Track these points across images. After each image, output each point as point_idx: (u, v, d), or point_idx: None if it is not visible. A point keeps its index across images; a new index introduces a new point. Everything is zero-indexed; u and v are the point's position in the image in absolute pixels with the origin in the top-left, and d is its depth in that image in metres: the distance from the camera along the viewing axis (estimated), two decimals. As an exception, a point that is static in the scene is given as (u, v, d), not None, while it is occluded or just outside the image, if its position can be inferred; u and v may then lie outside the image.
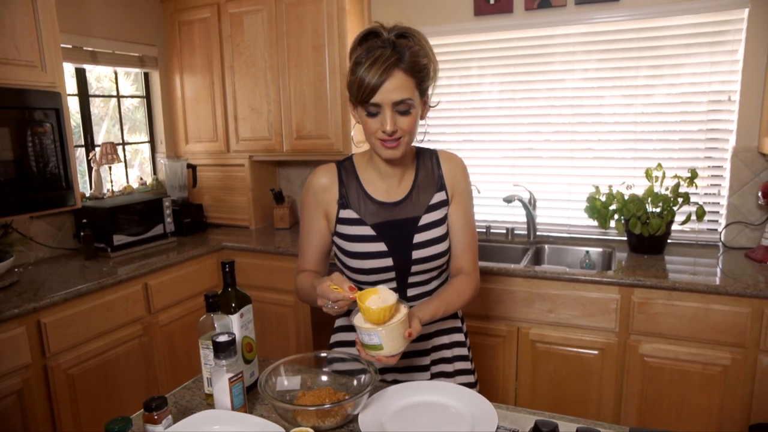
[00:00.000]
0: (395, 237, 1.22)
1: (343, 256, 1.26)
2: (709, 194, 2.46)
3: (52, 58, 2.18)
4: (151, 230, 2.80)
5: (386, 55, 1.07)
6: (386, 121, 1.10)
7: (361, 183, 1.25)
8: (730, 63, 2.31)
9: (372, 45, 1.10)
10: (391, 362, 1.06)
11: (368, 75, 1.07)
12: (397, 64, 1.08)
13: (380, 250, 1.21)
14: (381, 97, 1.08)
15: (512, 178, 2.81)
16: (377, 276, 1.23)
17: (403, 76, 1.08)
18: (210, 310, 1.16)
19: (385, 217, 1.23)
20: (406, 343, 1.05)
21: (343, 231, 1.24)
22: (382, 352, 1.03)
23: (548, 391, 2.24)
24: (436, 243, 1.23)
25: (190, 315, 2.65)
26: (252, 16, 2.91)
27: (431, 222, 1.24)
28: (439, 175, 1.27)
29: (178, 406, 1.17)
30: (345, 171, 1.27)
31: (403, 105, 1.10)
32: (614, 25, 2.47)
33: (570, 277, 2.12)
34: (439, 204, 1.26)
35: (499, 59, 2.74)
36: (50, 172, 2.21)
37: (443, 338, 1.32)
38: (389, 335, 1.02)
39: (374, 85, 1.07)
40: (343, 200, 1.24)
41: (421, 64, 1.11)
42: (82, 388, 2.13)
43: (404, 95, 1.09)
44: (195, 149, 3.27)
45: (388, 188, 1.25)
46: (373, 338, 1.02)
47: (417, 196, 1.25)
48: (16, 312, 1.89)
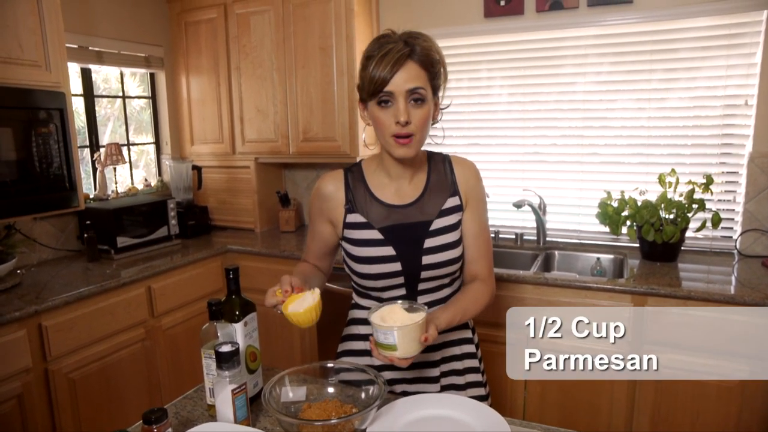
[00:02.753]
0: (404, 241, 1.19)
1: (351, 262, 1.22)
2: (724, 201, 2.41)
3: (56, 57, 2.16)
4: (155, 232, 2.77)
5: (398, 47, 1.08)
6: (400, 110, 1.08)
7: (368, 186, 1.23)
8: (747, 66, 2.26)
9: (383, 41, 1.10)
10: (403, 365, 1.03)
11: (380, 66, 1.07)
12: (410, 56, 1.08)
13: (388, 255, 1.18)
14: (394, 86, 1.08)
15: (522, 182, 2.76)
16: (385, 281, 1.19)
17: (415, 66, 1.09)
18: (213, 318, 1.12)
19: (393, 221, 1.20)
20: (420, 347, 1.03)
21: (351, 236, 1.21)
22: (396, 353, 1.01)
23: (558, 400, 2.19)
24: (448, 249, 1.20)
25: (193, 319, 2.62)
26: (259, 17, 2.88)
27: (444, 227, 1.20)
28: (452, 180, 1.24)
29: (179, 417, 1.13)
30: (352, 175, 1.25)
31: (416, 94, 1.09)
32: (627, 28, 2.42)
33: (581, 284, 2.08)
34: (453, 209, 1.22)
35: (509, 62, 2.69)
36: (54, 173, 2.18)
37: (454, 349, 1.28)
38: (405, 337, 1.00)
39: (386, 75, 1.07)
40: (350, 205, 1.22)
41: (434, 58, 1.11)
42: (83, 393, 2.10)
43: (418, 83, 1.09)
44: (200, 151, 3.25)
45: (397, 190, 1.22)
46: (389, 337, 1.00)
47: (429, 199, 1.22)
48: (17, 315, 1.86)
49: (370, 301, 1.26)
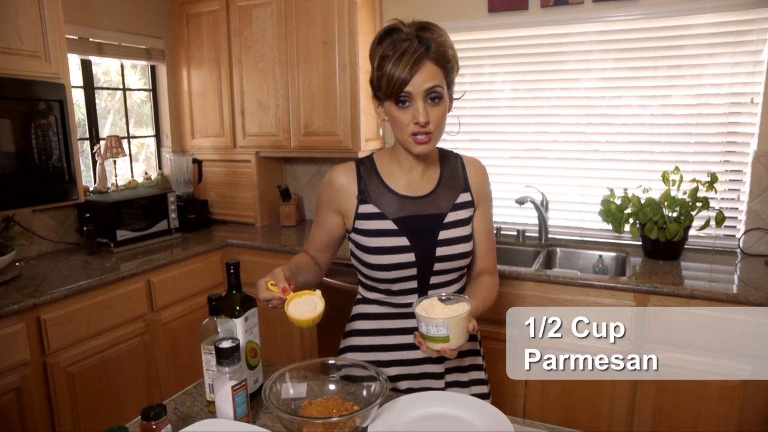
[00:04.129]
0: (418, 232, 1.19)
1: (362, 253, 1.21)
2: (727, 199, 2.39)
3: (56, 48, 2.13)
4: (155, 226, 2.76)
5: (414, 47, 1.07)
6: (419, 111, 1.08)
7: (381, 177, 1.23)
8: (753, 64, 2.24)
9: (396, 39, 1.09)
10: (453, 355, 1.05)
11: (398, 68, 1.06)
12: (426, 55, 1.07)
13: (402, 245, 1.18)
14: (413, 86, 1.07)
15: (524, 179, 2.74)
16: (397, 272, 1.18)
17: (432, 66, 1.08)
18: (213, 313, 1.10)
19: (408, 212, 1.21)
20: (467, 337, 1.05)
21: (362, 226, 1.20)
22: (449, 344, 1.02)
23: (558, 399, 2.18)
24: (461, 242, 1.21)
25: (193, 313, 2.61)
26: (261, 10, 2.86)
27: (457, 220, 1.22)
28: (464, 176, 1.26)
29: (178, 412, 1.12)
30: (365, 167, 1.25)
31: (434, 92, 1.09)
32: (632, 24, 2.40)
33: (583, 282, 2.06)
34: (465, 204, 1.24)
35: (512, 57, 2.67)
36: (53, 165, 2.17)
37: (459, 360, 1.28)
38: (455, 327, 1.02)
39: (404, 77, 1.06)
40: (362, 195, 1.22)
41: (449, 54, 1.11)
42: (81, 387, 2.09)
43: (435, 82, 1.09)
44: (201, 144, 3.23)
45: (410, 182, 1.23)
46: (441, 330, 1.01)
47: (442, 193, 1.23)
48: (15, 308, 1.85)
49: (378, 294, 1.24)
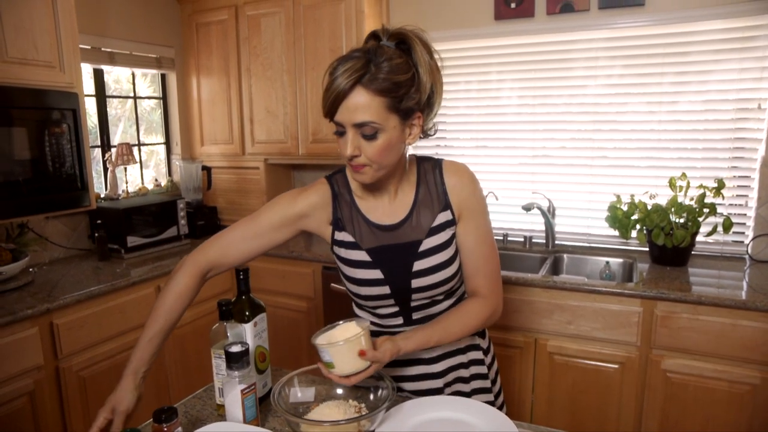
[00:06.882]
0: (392, 264, 1.11)
1: (343, 279, 1.18)
2: (735, 205, 2.39)
3: (70, 58, 2.18)
4: (164, 232, 2.79)
5: (355, 67, 0.94)
6: (346, 144, 0.99)
7: (355, 202, 1.15)
8: (760, 70, 2.24)
9: (352, 52, 0.98)
10: (346, 383, 1.00)
11: (331, 88, 0.96)
12: (360, 80, 0.94)
13: (376, 278, 1.11)
14: (341, 116, 0.98)
15: (531, 185, 2.75)
16: (376, 302, 1.16)
17: (366, 94, 0.95)
18: (223, 318, 1.13)
19: (382, 241, 1.12)
20: (363, 364, 0.99)
21: (341, 254, 1.15)
22: (334, 371, 1.00)
23: (565, 405, 2.18)
24: (439, 270, 1.11)
25: (201, 319, 2.63)
26: (269, 19, 2.90)
27: (434, 246, 1.11)
28: (443, 191, 1.12)
29: (188, 416, 1.14)
30: (338, 185, 1.16)
31: (366, 128, 0.97)
32: (639, 31, 2.41)
33: (590, 288, 2.06)
34: (444, 225, 1.12)
35: (519, 64, 2.68)
36: (66, 172, 2.21)
37: (460, 357, 1.23)
38: (337, 354, 0.98)
39: (333, 100, 0.96)
40: (338, 222, 1.15)
41: (397, 81, 0.96)
42: (93, 391, 2.12)
43: (366, 117, 0.96)
44: (210, 151, 3.26)
45: (383, 208, 1.13)
46: (325, 356, 1.00)
47: (417, 217, 1.12)
48: (29, 313, 1.88)
49: (365, 313, 1.23)
